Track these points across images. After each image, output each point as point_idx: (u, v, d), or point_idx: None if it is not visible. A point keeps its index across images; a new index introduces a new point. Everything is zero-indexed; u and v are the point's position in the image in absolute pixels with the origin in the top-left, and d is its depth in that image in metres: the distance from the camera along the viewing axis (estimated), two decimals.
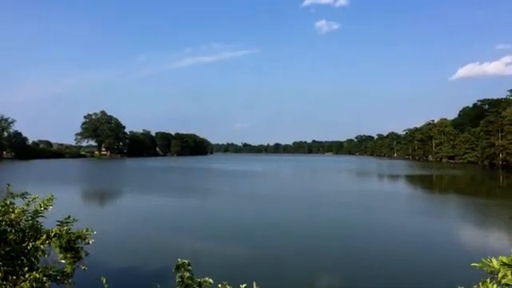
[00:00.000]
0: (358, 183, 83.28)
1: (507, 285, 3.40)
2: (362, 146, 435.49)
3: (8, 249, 5.72)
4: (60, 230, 6.17)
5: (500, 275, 3.49)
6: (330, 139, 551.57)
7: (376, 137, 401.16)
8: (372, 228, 33.27)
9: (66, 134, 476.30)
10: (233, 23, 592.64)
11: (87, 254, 6.27)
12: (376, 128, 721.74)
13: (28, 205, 6.38)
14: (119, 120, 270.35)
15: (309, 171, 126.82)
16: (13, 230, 6.07)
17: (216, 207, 44.96)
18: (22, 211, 6.27)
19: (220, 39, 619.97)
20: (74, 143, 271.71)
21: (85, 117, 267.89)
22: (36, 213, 6.29)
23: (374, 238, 29.07)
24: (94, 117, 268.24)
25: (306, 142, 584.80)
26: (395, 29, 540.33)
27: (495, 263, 3.58)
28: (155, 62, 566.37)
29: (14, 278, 5.60)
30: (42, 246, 5.94)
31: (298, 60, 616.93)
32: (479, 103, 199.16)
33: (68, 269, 6.01)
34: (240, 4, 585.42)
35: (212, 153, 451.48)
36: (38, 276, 5.51)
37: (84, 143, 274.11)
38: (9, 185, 6.78)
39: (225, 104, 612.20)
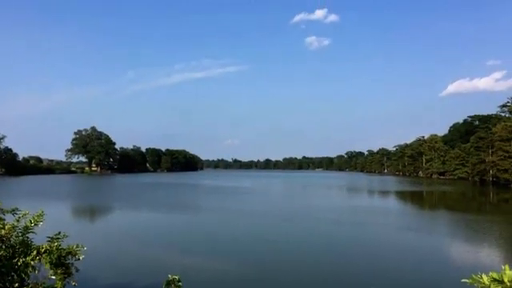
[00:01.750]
0: (348, 199, 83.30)
1: None
2: (352, 162, 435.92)
3: None
4: (50, 246, 6.15)
5: None
6: (320, 155, 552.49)
7: (366, 153, 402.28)
8: (362, 244, 33.27)
9: (56, 149, 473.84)
10: (223, 39, 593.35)
11: (77, 270, 6.25)
12: (366, 144, 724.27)
13: (18, 221, 6.37)
14: (109, 136, 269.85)
15: (299, 187, 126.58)
16: (3, 246, 6.05)
17: (206, 223, 44.78)
18: (13, 227, 6.25)
19: (210, 55, 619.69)
20: (64, 159, 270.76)
21: (75, 133, 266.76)
22: (26, 229, 6.28)
23: (364, 254, 29.06)
24: (84, 133, 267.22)
25: (296, 158, 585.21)
26: (386, 45, 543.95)
27: (485, 279, 3.61)
28: (145, 78, 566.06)
29: None
30: (32, 262, 5.91)
31: (289, 76, 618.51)
32: (469, 119, 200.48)
33: (58, 285, 5.98)
34: (230, 20, 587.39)
35: (202, 169, 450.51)
36: None
37: (74, 159, 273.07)
38: None
39: (215, 120, 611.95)
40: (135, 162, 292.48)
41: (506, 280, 3.52)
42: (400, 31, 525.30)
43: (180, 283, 4.99)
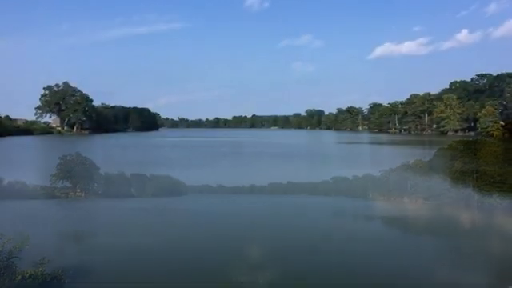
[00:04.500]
0: None
1: None
2: (314, 120, 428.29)
3: None
4: (35, 272, 6.31)
5: None
6: (272, 114, 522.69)
7: (327, 111, 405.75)
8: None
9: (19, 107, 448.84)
10: None
11: None
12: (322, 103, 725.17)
13: (3, 246, 6.48)
14: (84, 92, 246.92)
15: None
16: None
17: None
18: None
19: (154, 10, 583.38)
20: (33, 118, 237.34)
21: (44, 88, 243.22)
22: (11, 254, 6.40)
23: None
24: (56, 89, 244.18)
25: (246, 117, 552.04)
26: None
27: None
28: (81, 30, 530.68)
29: None
30: None
31: (236, 30, 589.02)
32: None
33: None
34: None
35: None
36: None
37: (47, 118, 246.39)
38: None
39: (160, 76, 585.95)
40: (109, 121, 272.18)
41: None
42: None
43: None
